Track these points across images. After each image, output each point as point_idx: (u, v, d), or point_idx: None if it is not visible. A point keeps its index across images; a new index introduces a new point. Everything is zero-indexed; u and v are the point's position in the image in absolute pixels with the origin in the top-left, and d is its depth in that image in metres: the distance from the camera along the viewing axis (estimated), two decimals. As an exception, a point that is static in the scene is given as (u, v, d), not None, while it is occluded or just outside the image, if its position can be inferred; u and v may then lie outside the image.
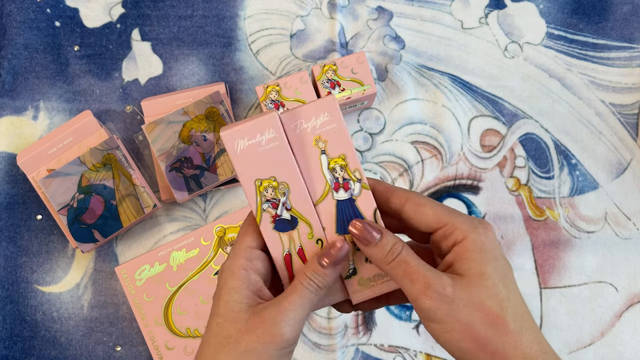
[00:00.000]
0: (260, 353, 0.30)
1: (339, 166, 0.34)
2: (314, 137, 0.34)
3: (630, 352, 0.59)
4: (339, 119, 0.33)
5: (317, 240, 0.34)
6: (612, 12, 0.65)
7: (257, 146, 0.33)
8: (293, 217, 0.34)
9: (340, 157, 0.34)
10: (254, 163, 0.33)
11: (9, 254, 0.61)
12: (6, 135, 0.63)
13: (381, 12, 0.65)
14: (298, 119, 0.33)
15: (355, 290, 0.35)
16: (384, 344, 0.60)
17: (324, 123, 0.34)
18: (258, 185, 0.33)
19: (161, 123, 0.58)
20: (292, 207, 0.34)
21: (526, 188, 0.62)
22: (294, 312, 0.31)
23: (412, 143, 0.63)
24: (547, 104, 0.63)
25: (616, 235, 0.61)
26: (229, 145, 0.33)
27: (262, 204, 0.34)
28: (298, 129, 0.33)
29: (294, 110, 0.34)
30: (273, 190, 0.34)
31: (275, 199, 0.34)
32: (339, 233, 0.34)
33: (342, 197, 0.34)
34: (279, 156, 0.33)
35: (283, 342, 0.31)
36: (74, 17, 0.65)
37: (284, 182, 0.34)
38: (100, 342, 0.60)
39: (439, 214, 0.32)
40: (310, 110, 0.33)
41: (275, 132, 0.33)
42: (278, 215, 0.34)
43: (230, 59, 0.64)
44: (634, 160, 0.62)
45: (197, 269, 0.58)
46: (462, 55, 0.64)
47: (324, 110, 0.33)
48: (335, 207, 0.34)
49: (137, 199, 0.58)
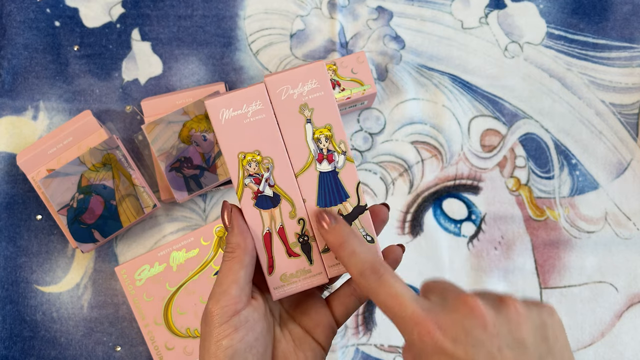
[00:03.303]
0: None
1: (324, 137, 0.33)
2: (300, 105, 0.32)
3: (631, 353, 0.59)
4: (327, 87, 0.32)
5: (299, 220, 0.33)
6: (612, 12, 0.65)
7: (242, 117, 0.32)
8: (276, 195, 0.33)
9: (326, 128, 0.33)
10: (238, 135, 0.32)
11: (9, 254, 0.61)
12: (6, 135, 0.63)
13: (381, 12, 0.65)
14: (284, 84, 0.32)
15: (333, 264, 0.34)
16: (384, 344, 0.60)
17: (312, 90, 0.32)
18: (241, 159, 0.32)
19: (161, 123, 0.58)
20: (276, 183, 0.33)
21: (526, 188, 0.62)
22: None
23: (412, 143, 0.63)
24: (547, 104, 0.63)
25: (616, 235, 0.61)
26: (213, 115, 0.31)
27: (244, 178, 0.32)
28: (284, 94, 0.32)
29: (281, 74, 0.32)
30: (257, 164, 0.32)
31: (258, 174, 0.32)
32: (319, 206, 0.33)
33: (325, 169, 0.33)
34: (264, 129, 0.32)
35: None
36: (74, 17, 0.65)
37: (269, 157, 0.32)
38: (100, 342, 0.60)
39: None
40: (298, 75, 0.32)
41: (262, 103, 0.32)
42: (260, 191, 0.33)
43: (230, 58, 0.64)
44: (634, 160, 0.62)
45: (197, 269, 0.58)
46: (462, 55, 0.64)
47: (312, 77, 0.32)
48: (318, 179, 0.33)
49: (137, 199, 0.58)
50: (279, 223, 0.33)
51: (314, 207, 0.33)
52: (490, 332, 0.26)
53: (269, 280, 0.34)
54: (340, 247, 0.31)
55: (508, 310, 0.26)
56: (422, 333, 0.26)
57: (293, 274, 0.34)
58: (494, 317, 0.26)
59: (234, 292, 0.31)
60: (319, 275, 0.34)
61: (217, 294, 0.31)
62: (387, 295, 0.28)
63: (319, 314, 0.36)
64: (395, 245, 0.35)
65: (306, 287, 0.34)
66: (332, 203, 0.34)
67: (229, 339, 0.30)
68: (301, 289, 0.34)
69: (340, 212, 0.34)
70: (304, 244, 0.34)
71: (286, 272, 0.34)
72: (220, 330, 0.31)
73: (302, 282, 0.34)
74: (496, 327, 0.26)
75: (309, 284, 0.34)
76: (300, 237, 0.34)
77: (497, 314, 0.26)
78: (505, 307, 0.27)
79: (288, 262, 0.34)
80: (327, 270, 0.34)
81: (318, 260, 0.34)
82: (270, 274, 0.34)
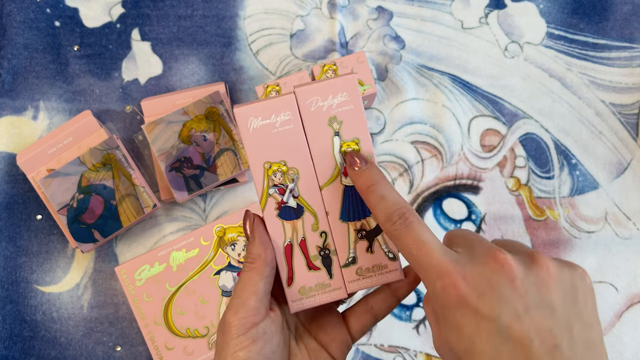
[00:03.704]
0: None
1: (352, 150, 0.32)
2: (329, 117, 0.32)
3: (631, 353, 0.59)
4: (357, 100, 0.32)
5: (322, 233, 0.33)
6: (612, 12, 0.65)
7: (270, 127, 0.31)
8: (299, 206, 0.32)
9: (353, 142, 0.32)
10: (265, 144, 0.31)
11: (9, 254, 0.61)
12: (6, 135, 0.63)
13: (381, 12, 0.65)
14: (314, 96, 0.31)
15: (353, 279, 0.33)
16: (384, 344, 0.60)
17: (341, 103, 0.32)
18: (267, 168, 0.32)
19: (161, 123, 0.58)
20: (300, 195, 0.32)
21: (526, 188, 0.62)
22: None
23: (412, 143, 0.63)
24: (547, 104, 0.63)
25: (616, 235, 0.61)
26: (241, 123, 0.31)
27: (268, 188, 0.32)
28: (313, 106, 0.32)
29: (311, 85, 0.32)
30: (282, 175, 0.32)
31: (283, 184, 0.32)
32: (342, 220, 0.33)
33: (351, 184, 0.32)
34: (292, 140, 0.31)
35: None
36: (74, 17, 0.65)
37: (294, 168, 0.32)
38: (100, 342, 0.60)
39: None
40: (328, 88, 0.32)
41: (291, 114, 0.31)
42: (284, 202, 0.32)
43: (230, 58, 0.64)
44: (634, 160, 0.62)
45: (197, 269, 0.58)
46: (462, 55, 0.64)
47: (343, 90, 0.32)
48: (342, 193, 0.32)
49: (137, 199, 0.58)
50: (300, 235, 0.33)
51: (337, 221, 0.33)
52: (518, 289, 0.25)
53: (288, 293, 0.33)
54: (369, 189, 0.30)
55: (539, 269, 0.25)
56: (447, 284, 0.25)
57: (312, 287, 0.33)
58: (524, 274, 0.25)
59: (253, 304, 0.31)
60: (338, 290, 0.33)
61: (236, 305, 0.31)
62: (413, 242, 0.27)
63: (335, 329, 0.35)
64: None
65: (324, 301, 0.33)
66: (356, 218, 0.33)
67: (246, 350, 0.30)
68: (319, 303, 0.34)
69: (363, 227, 0.33)
70: (325, 258, 0.33)
71: (305, 285, 0.33)
72: (237, 342, 0.30)
73: (321, 296, 0.33)
74: (525, 285, 0.25)
75: (328, 299, 0.33)
76: (321, 250, 0.33)
77: (528, 271, 0.25)
78: (536, 265, 0.26)
79: (308, 275, 0.33)
80: (347, 285, 0.33)
81: (338, 275, 0.33)
82: (289, 286, 0.33)
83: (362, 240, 0.33)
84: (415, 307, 0.60)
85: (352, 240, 0.33)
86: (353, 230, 0.33)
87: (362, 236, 0.33)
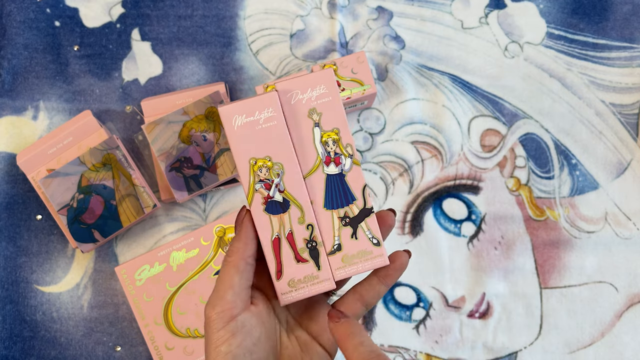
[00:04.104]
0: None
1: (332, 140, 0.34)
2: (309, 109, 0.33)
3: (631, 353, 0.59)
4: (335, 92, 0.33)
5: (308, 226, 0.34)
6: (612, 12, 0.65)
7: (254, 124, 0.33)
8: (285, 200, 0.33)
9: (333, 132, 0.34)
10: (250, 141, 0.33)
11: (9, 254, 0.61)
12: (6, 135, 0.63)
13: (381, 12, 0.65)
14: (294, 89, 0.33)
15: (339, 266, 0.34)
16: (384, 344, 0.60)
17: (320, 95, 0.33)
18: (252, 164, 0.33)
19: (161, 123, 0.58)
20: (286, 189, 0.33)
21: (526, 188, 0.62)
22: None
23: (412, 143, 0.63)
24: (547, 104, 0.63)
25: (616, 235, 0.61)
26: (226, 121, 0.33)
27: (254, 183, 0.33)
28: (293, 99, 0.33)
29: (291, 80, 0.33)
30: (267, 170, 0.33)
31: (269, 179, 0.33)
32: (326, 208, 0.34)
33: (333, 172, 0.34)
34: (275, 136, 0.33)
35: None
36: (74, 17, 0.65)
37: (279, 163, 0.33)
38: (100, 342, 0.60)
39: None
40: (307, 81, 0.33)
41: (274, 110, 0.33)
42: (270, 196, 0.33)
43: (230, 58, 0.64)
44: (634, 160, 0.62)
45: (197, 269, 0.58)
46: (462, 55, 0.64)
47: (321, 83, 0.33)
48: (325, 181, 0.34)
49: (137, 199, 0.58)
50: (288, 228, 0.34)
51: (322, 208, 0.34)
52: None
53: (277, 286, 0.34)
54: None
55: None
56: None
57: (301, 279, 0.34)
58: None
59: (230, 298, 0.31)
60: (326, 281, 0.34)
61: (214, 299, 0.32)
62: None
63: (325, 320, 0.36)
64: (402, 251, 0.35)
65: (314, 293, 0.34)
66: (339, 205, 0.34)
67: (227, 344, 0.31)
68: (308, 295, 0.34)
69: (346, 214, 0.34)
70: (312, 250, 0.34)
71: (294, 278, 0.34)
72: (218, 336, 0.31)
73: (310, 288, 0.34)
74: None
75: (317, 290, 0.34)
76: (308, 242, 0.34)
77: None
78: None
79: (296, 267, 0.34)
80: (334, 273, 0.34)
81: (326, 266, 0.34)
82: (278, 279, 0.34)
83: (346, 227, 0.34)
84: (415, 307, 0.60)
85: (337, 228, 0.34)
86: (337, 218, 0.34)
87: (345, 223, 0.34)
